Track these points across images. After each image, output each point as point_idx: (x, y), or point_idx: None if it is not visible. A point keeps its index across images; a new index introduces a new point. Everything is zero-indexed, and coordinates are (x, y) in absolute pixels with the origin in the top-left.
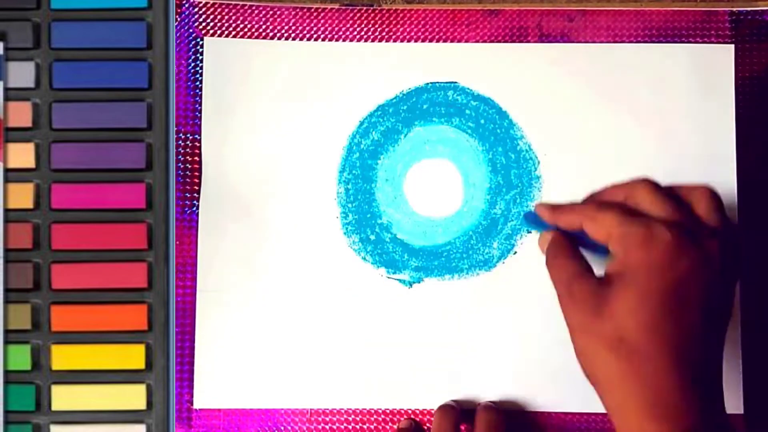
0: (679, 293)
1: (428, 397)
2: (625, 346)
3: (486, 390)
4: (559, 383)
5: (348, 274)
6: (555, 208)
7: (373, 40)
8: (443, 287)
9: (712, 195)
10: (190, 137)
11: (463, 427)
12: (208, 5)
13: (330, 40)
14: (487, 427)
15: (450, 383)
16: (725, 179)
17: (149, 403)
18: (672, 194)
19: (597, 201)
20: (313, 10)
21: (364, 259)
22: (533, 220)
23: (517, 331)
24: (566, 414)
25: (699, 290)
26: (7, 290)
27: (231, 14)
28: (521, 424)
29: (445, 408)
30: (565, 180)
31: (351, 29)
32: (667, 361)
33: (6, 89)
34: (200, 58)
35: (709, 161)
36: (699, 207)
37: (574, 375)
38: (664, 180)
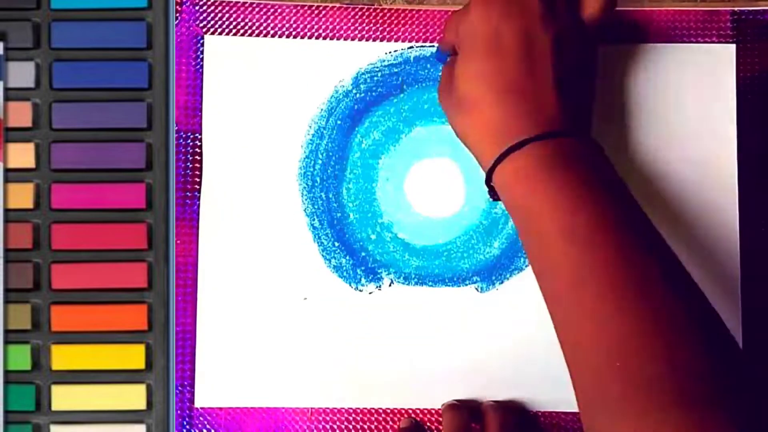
0: (496, 44)
1: (428, 396)
2: (464, 103)
3: (486, 389)
4: (559, 383)
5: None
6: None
7: (373, 40)
8: (443, 286)
9: None
10: (191, 137)
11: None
12: (209, 4)
13: (330, 38)
14: (502, 427)
15: (450, 383)
16: (726, 179)
17: (149, 403)
18: None
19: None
20: (313, 8)
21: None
22: (439, 56)
23: (517, 330)
24: (566, 414)
25: (525, 40)
26: (7, 290)
27: (231, 13)
28: (521, 424)
29: (454, 407)
30: None
31: (351, 28)
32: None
33: (6, 89)
34: (201, 57)
35: (710, 161)
36: None
37: None
38: (664, 181)
